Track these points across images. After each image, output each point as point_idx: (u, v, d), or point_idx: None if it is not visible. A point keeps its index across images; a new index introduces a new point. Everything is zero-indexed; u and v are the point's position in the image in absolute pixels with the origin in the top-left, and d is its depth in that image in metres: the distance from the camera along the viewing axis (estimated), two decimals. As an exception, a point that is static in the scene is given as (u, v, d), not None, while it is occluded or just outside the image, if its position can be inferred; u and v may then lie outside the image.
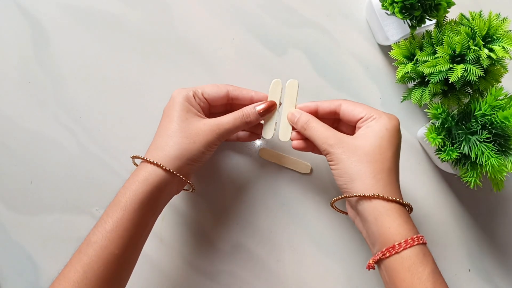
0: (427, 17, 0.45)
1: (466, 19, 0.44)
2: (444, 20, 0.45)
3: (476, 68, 0.40)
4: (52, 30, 0.55)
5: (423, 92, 0.45)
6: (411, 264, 0.35)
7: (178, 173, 0.41)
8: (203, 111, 0.45)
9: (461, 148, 0.42)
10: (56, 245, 0.52)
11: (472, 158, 0.41)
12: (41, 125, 0.54)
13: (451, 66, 0.41)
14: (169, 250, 0.51)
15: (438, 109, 0.43)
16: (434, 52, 0.44)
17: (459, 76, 0.40)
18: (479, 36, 0.41)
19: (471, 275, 0.52)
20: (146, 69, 0.55)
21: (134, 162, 0.44)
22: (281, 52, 0.55)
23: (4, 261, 0.51)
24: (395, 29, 0.50)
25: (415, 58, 0.45)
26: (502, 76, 0.44)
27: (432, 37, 0.45)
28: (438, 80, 0.42)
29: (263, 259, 0.51)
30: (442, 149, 0.43)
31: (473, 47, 0.40)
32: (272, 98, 0.45)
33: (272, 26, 0.55)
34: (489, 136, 0.41)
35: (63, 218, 0.52)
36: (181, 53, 0.55)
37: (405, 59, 0.46)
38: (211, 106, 0.46)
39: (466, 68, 0.41)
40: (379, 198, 0.38)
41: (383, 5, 0.46)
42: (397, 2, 0.44)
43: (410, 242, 0.36)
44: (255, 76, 0.55)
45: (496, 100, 0.40)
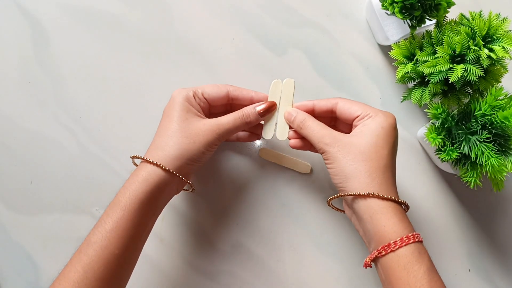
0: (427, 17, 0.45)
1: (466, 19, 0.44)
2: (444, 20, 0.45)
3: (476, 68, 0.40)
4: (52, 30, 0.55)
5: (423, 92, 0.45)
6: (407, 262, 0.35)
7: (178, 173, 0.41)
8: (203, 111, 0.45)
9: (461, 148, 0.42)
10: (56, 245, 0.52)
11: (472, 158, 0.41)
12: (41, 125, 0.54)
13: (451, 66, 0.41)
14: (169, 250, 0.51)
15: (438, 109, 0.43)
16: (434, 52, 0.44)
17: (459, 76, 0.40)
18: (479, 36, 0.41)
19: (471, 275, 0.52)
20: (146, 69, 0.55)
21: (134, 162, 0.44)
22: (281, 52, 0.55)
23: (4, 261, 0.52)
24: (395, 29, 0.50)
25: (415, 58, 0.45)
26: (502, 76, 0.44)
27: (432, 37, 0.45)
28: (438, 80, 0.42)
29: (263, 259, 0.51)
30: (442, 149, 0.43)
31: (473, 47, 0.40)
32: (272, 99, 0.45)
33: (272, 26, 0.55)
34: (489, 136, 0.41)
35: (63, 218, 0.52)
36: (181, 53, 0.55)
37: (405, 59, 0.46)
38: (211, 106, 0.46)
39: (466, 68, 0.41)
40: (374, 196, 0.38)
41: (383, 5, 0.46)
42: (397, 2, 0.44)
43: (405, 240, 0.36)
44: (255, 76, 0.55)
45: (496, 100, 0.40)
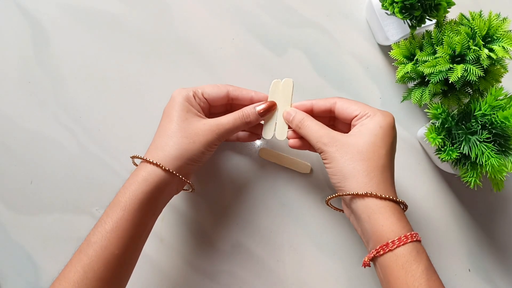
0: (427, 17, 0.45)
1: (466, 19, 0.44)
2: (444, 20, 0.45)
3: (476, 68, 0.40)
4: (52, 30, 0.55)
5: (423, 92, 0.45)
6: (405, 261, 0.35)
7: (177, 173, 0.41)
8: (203, 111, 0.45)
9: (461, 148, 0.42)
10: (56, 245, 0.52)
11: (472, 158, 0.41)
12: (41, 125, 0.54)
13: (451, 66, 0.41)
14: (169, 250, 0.51)
15: (438, 109, 0.43)
16: (434, 52, 0.44)
17: (459, 76, 0.40)
18: (479, 36, 0.41)
19: (471, 275, 0.52)
20: (146, 69, 0.55)
21: (134, 162, 0.44)
22: (281, 52, 0.55)
23: (4, 261, 0.52)
24: (395, 29, 0.50)
25: (415, 58, 0.45)
26: (502, 76, 0.44)
27: (432, 37, 0.45)
28: (438, 80, 0.42)
29: (263, 259, 0.51)
30: (442, 149, 0.43)
31: (473, 47, 0.40)
32: (272, 99, 0.45)
33: (272, 26, 0.55)
34: (489, 136, 0.41)
35: (63, 218, 0.52)
36: (181, 53, 0.55)
37: (405, 59, 0.46)
38: (211, 106, 0.46)
39: (466, 68, 0.41)
40: (372, 196, 0.38)
41: (383, 5, 0.46)
42: (397, 2, 0.44)
43: (403, 240, 0.36)
44: (255, 76, 0.55)
45: (496, 100, 0.40)
